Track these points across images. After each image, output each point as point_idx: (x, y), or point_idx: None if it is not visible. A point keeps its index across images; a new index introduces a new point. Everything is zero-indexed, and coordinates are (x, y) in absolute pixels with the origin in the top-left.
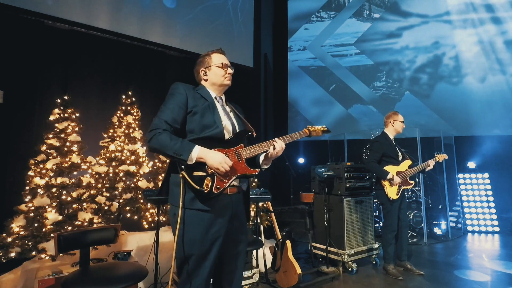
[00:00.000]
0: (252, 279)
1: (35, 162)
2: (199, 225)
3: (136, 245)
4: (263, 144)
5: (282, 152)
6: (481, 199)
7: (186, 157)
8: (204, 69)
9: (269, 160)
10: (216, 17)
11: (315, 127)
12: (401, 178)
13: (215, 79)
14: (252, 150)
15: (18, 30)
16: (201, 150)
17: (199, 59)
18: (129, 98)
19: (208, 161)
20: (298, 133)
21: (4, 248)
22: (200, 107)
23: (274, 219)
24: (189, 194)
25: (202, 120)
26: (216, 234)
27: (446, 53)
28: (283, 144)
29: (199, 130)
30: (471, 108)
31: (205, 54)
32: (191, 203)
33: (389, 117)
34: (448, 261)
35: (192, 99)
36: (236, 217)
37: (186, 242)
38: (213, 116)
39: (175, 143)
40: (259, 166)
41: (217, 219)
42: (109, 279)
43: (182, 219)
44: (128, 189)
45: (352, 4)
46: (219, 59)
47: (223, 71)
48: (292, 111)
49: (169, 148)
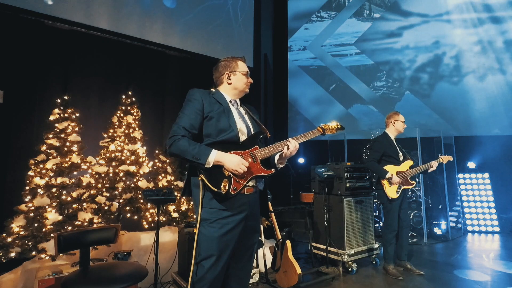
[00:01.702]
0: (252, 279)
1: (35, 162)
2: (217, 224)
3: (136, 245)
4: (277, 144)
5: (296, 152)
6: (481, 199)
7: (204, 161)
8: (229, 73)
9: (283, 160)
10: (216, 17)
11: (329, 125)
12: (402, 178)
13: (238, 84)
14: (266, 151)
15: (18, 30)
16: (218, 154)
17: (223, 62)
18: (129, 98)
19: (225, 164)
20: (311, 132)
21: (4, 248)
22: (216, 111)
23: (274, 219)
24: (207, 195)
25: (218, 124)
26: (233, 232)
27: (446, 53)
28: (297, 144)
29: (215, 134)
30: (471, 107)
31: (230, 58)
32: (209, 203)
33: (390, 117)
34: (448, 261)
35: (208, 105)
36: (252, 217)
37: (205, 240)
38: (228, 120)
39: (194, 148)
40: (274, 165)
41: (235, 217)
42: (109, 279)
43: (202, 217)
44: (128, 189)
45: (352, 4)
46: (244, 67)
47: (246, 79)
48: (292, 110)
49: (188, 153)
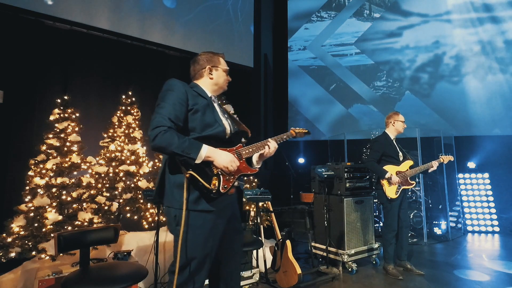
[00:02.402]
0: (252, 279)
1: (35, 162)
2: (202, 228)
3: (136, 245)
4: (258, 144)
5: (274, 152)
6: (481, 199)
7: (195, 156)
8: (211, 67)
9: (261, 159)
10: (216, 17)
11: (299, 129)
12: (401, 178)
13: (220, 80)
14: (250, 149)
15: (18, 30)
16: (210, 149)
17: (205, 56)
18: (129, 98)
19: (216, 160)
20: (286, 134)
21: (4, 248)
22: (201, 105)
23: (274, 219)
24: (192, 194)
25: (204, 118)
26: (217, 235)
27: (446, 53)
28: (276, 144)
29: (200, 129)
30: (471, 107)
31: (211, 53)
32: (195, 204)
33: (390, 117)
34: (448, 261)
35: (191, 97)
36: (234, 217)
37: (189, 245)
38: (213, 115)
39: (183, 142)
40: (253, 165)
41: (219, 220)
42: (109, 279)
43: (186, 221)
44: (128, 189)
45: (352, 3)
46: (225, 64)
47: (226, 76)
48: (292, 110)
49: (177, 147)
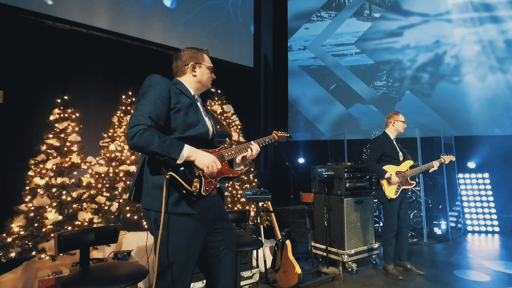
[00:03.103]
0: (252, 279)
1: (35, 162)
2: (183, 231)
3: (136, 245)
4: (241, 146)
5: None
6: (481, 199)
7: (177, 156)
8: (194, 64)
9: (243, 162)
10: (216, 17)
11: (281, 133)
12: (401, 178)
13: (203, 78)
14: (233, 152)
15: (18, 30)
16: (191, 149)
17: (188, 51)
18: (129, 98)
19: (197, 161)
20: (268, 138)
21: (4, 248)
22: (183, 104)
23: (274, 219)
24: (172, 196)
25: (187, 118)
26: (200, 238)
27: (447, 52)
28: (258, 147)
29: (182, 129)
30: (471, 107)
31: (195, 49)
32: (174, 207)
33: (390, 117)
34: (448, 261)
35: (174, 95)
36: (220, 218)
37: (170, 249)
38: (196, 115)
39: (164, 141)
40: (234, 167)
41: (201, 222)
42: (109, 279)
43: (166, 224)
44: (128, 189)
45: (353, 3)
46: (209, 61)
47: (209, 74)
48: (292, 110)
49: (157, 146)
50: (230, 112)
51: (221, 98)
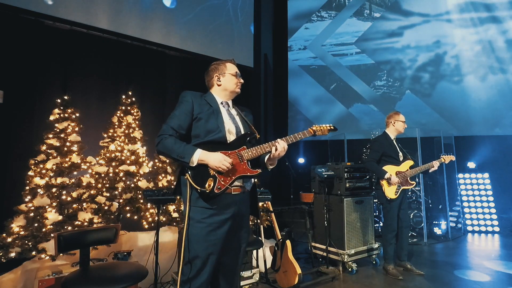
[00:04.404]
0: (252, 279)
1: (35, 162)
2: (202, 223)
3: (136, 245)
4: (265, 145)
5: (284, 153)
6: (481, 199)
7: (188, 160)
8: (218, 75)
9: (273, 160)
10: (216, 17)
11: (321, 126)
12: (401, 178)
13: (228, 85)
14: (254, 151)
15: (18, 30)
16: (202, 153)
17: (213, 66)
18: (129, 98)
19: (209, 163)
20: (302, 133)
21: (4, 248)
22: (205, 113)
23: (274, 219)
24: (194, 194)
25: (207, 125)
26: (219, 231)
27: (447, 52)
28: (286, 145)
29: (203, 134)
30: (471, 107)
31: (219, 62)
32: (196, 202)
33: (390, 117)
34: (448, 261)
35: (198, 106)
36: (239, 216)
37: (191, 238)
38: (216, 121)
39: (179, 147)
40: (264, 166)
41: (220, 216)
42: (109, 279)
43: (188, 216)
44: (128, 189)
45: (353, 3)
46: (233, 68)
47: (235, 79)
48: (293, 110)
49: (173, 152)
50: None
51: None
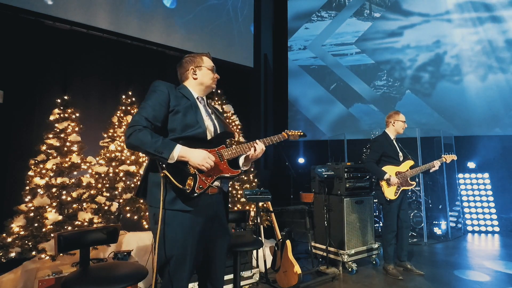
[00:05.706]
0: (252, 279)
1: (35, 162)
2: (180, 226)
3: (136, 245)
4: (244, 145)
5: (261, 155)
6: (481, 199)
7: (167, 156)
8: (194, 68)
9: (248, 162)
10: (216, 17)
11: (293, 132)
12: (401, 178)
13: (205, 79)
14: (233, 151)
15: (18, 30)
16: (183, 148)
17: (187, 58)
18: (129, 98)
19: (190, 159)
20: (277, 136)
21: (4, 248)
22: (183, 106)
23: (274, 219)
24: (170, 194)
25: (185, 119)
26: (196, 234)
27: (447, 52)
28: (263, 147)
29: (180, 129)
30: (471, 107)
31: (195, 54)
32: (171, 204)
33: (390, 117)
34: (448, 261)
35: (174, 98)
36: (217, 218)
37: (167, 244)
38: (195, 116)
39: (156, 141)
40: (239, 167)
41: (198, 219)
42: (109, 279)
43: (163, 220)
44: (128, 189)
45: (353, 3)
46: (209, 62)
47: (212, 74)
48: (293, 110)
49: (149, 146)
50: (230, 112)
51: (221, 98)
